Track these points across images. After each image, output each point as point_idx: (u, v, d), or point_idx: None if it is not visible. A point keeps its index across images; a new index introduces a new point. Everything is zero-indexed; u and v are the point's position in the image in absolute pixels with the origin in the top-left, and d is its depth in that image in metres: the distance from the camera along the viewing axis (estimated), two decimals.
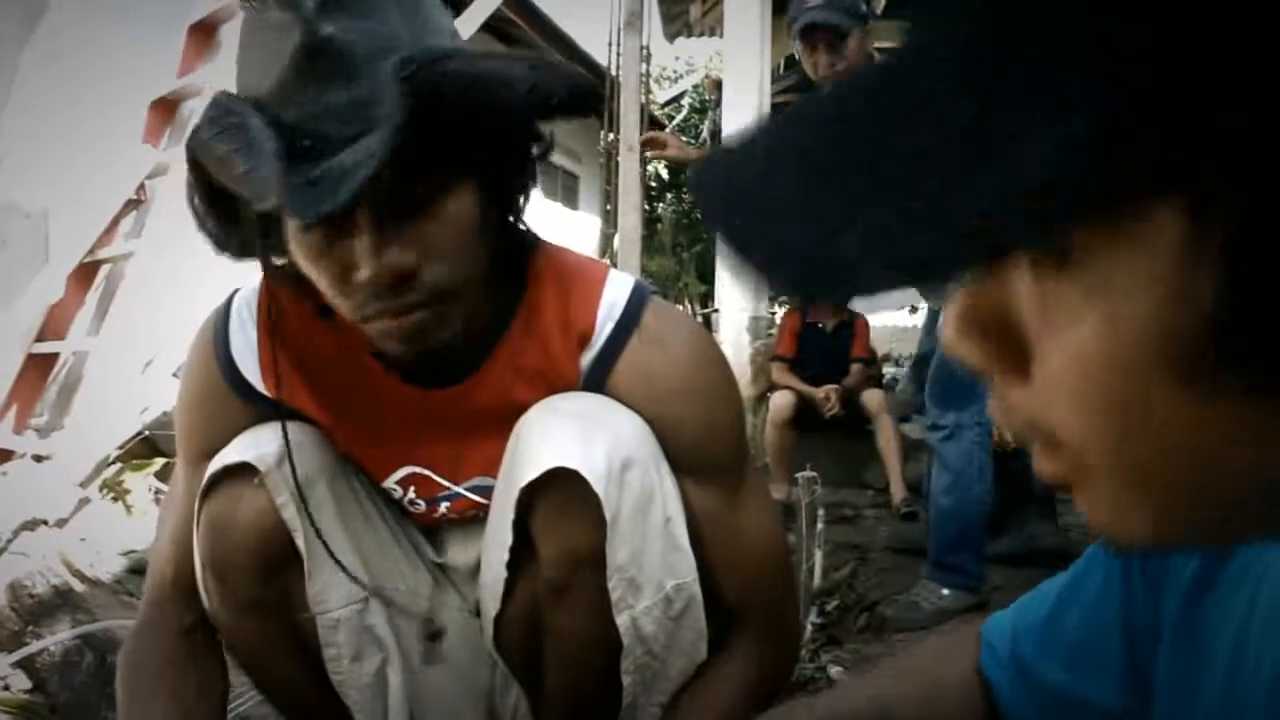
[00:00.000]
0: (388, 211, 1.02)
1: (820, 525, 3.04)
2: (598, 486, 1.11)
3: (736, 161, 0.36)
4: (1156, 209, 0.29)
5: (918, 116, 0.29)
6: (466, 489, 1.30)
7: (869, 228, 0.29)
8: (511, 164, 1.16)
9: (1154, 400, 0.32)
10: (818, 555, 3.01)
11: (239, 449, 1.21)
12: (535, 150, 1.17)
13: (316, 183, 0.92)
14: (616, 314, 1.22)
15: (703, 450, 1.23)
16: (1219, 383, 0.31)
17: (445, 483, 1.30)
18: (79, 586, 2.45)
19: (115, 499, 3.40)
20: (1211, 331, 0.30)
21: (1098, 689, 0.71)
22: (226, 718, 1.29)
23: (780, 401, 4.56)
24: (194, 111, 4.16)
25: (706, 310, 7.83)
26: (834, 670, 2.28)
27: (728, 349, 6.38)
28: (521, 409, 1.20)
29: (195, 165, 1.02)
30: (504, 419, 1.21)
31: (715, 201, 0.36)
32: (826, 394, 4.56)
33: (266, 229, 1.09)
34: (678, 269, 9.12)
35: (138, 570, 2.76)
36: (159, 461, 3.59)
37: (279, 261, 1.14)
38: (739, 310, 6.46)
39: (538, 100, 0.99)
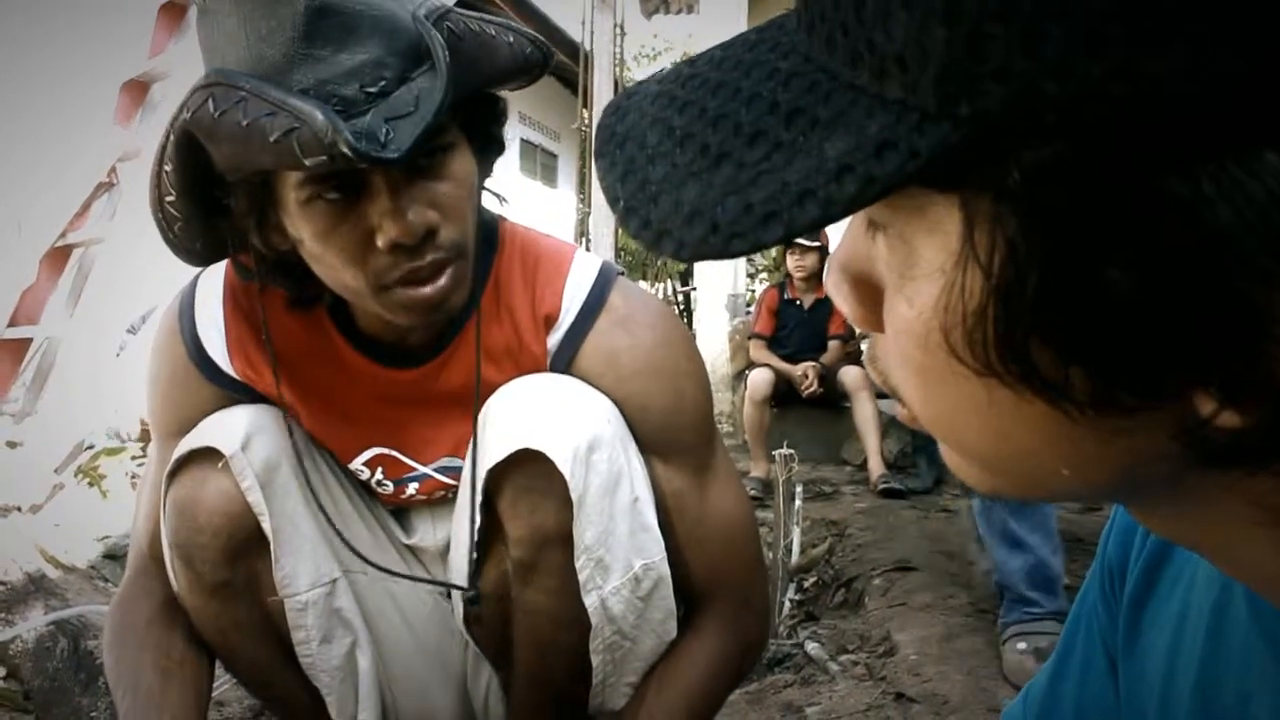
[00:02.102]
0: (402, 173, 1.02)
1: (798, 502, 3.05)
2: (564, 467, 1.11)
3: (625, 110, 0.41)
4: (943, 205, 0.33)
5: (756, 99, 0.35)
6: (434, 470, 1.30)
7: (710, 183, 0.35)
8: (494, 127, 1.18)
9: (945, 374, 0.36)
10: (795, 532, 3.03)
11: (204, 433, 1.20)
12: (502, 114, 1.19)
13: (368, 134, 0.92)
14: (583, 295, 1.22)
15: (670, 430, 1.23)
16: (995, 370, 0.34)
17: (413, 463, 1.30)
18: (53, 573, 2.44)
19: (91, 484, 3.38)
20: (982, 324, 0.33)
21: None
22: (214, 675, 1.29)
23: (758, 379, 4.57)
24: (165, 96, 4.12)
25: (685, 289, 7.81)
26: (811, 646, 2.29)
27: (706, 327, 6.40)
28: (489, 389, 1.20)
29: (191, 150, 1.01)
30: (472, 399, 1.21)
31: (604, 137, 0.40)
32: (805, 371, 4.57)
33: (261, 217, 1.08)
34: None
35: (113, 556, 2.75)
36: (134, 446, 3.57)
37: (280, 246, 1.11)
38: (717, 288, 6.47)
39: (520, 60, 1.06)
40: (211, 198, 1.07)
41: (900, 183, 0.32)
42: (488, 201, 1.25)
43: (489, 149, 1.18)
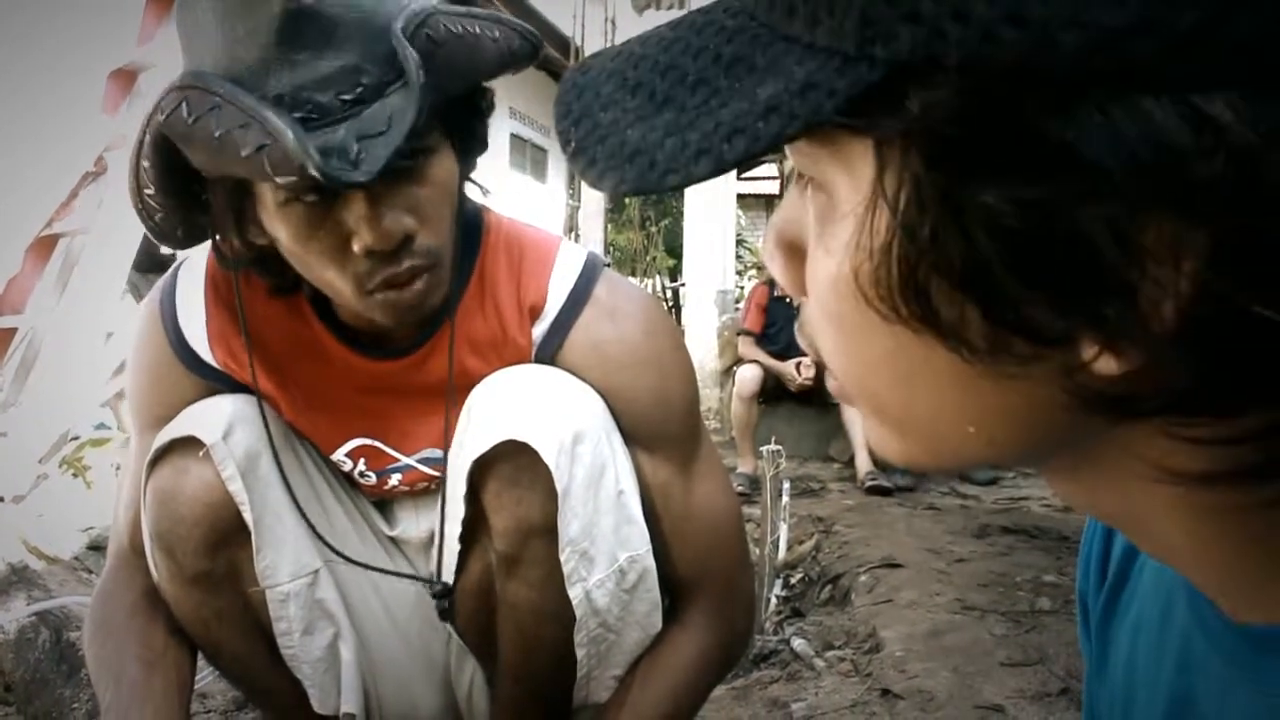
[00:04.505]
0: (380, 178, 1.01)
1: (785, 498, 3.05)
2: (549, 459, 1.10)
3: (589, 66, 0.43)
4: (859, 147, 0.35)
5: (703, 52, 0.38)
6: (417, 461, 1.29)
7: (653, 125, 0.37)
8: (476, 125, 1.17)
9: (858, 324, 0.38)
10: (783, 528, 3.02)
11: (184, 422, 1.20)
12: (487, 111, 1.18)
13: (340, 150, 0.92)
14: (569, 286, 1.21)
15: (655, 421, 1.23)
16: (900, 313, 0.36)
17: (395, 454, 1.29)
18: (36, 564, 2.43)
19: (75, 475, 3.36)
20: (886, 262, 0.35)
21: None
22: (196, 667, 1.28)
23: (746, 375, 4.58)
24: (153, 85, 4.09)
25: (674, 284, 7.82)
26: (797, 643, 2.29)
27: (694, 323, 6.40)
28: (473, 380, 1.19)
29: (163, 151, 1.00)
30: (455, 391, 1.20)
31: (565, 87, 0.43)
32: (798, 364, 4.57)
33: (239, 213, 1.07)
34: (646, 243, 9.12)
35: (97, 547, 2.74)
36: (120, 436, 3.56)
37: (258, 241, 1.10)
38: (706, 284, 6.47)
39: (507, 56, 1.05)
40: (190, 192, 1.06)
41: (819, 120, 0.34)
42: (472, 193, 1.24)
43: (472, 148, 1.17)
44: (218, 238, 1.12)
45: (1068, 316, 0.33)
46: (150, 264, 4.12)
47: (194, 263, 1.26)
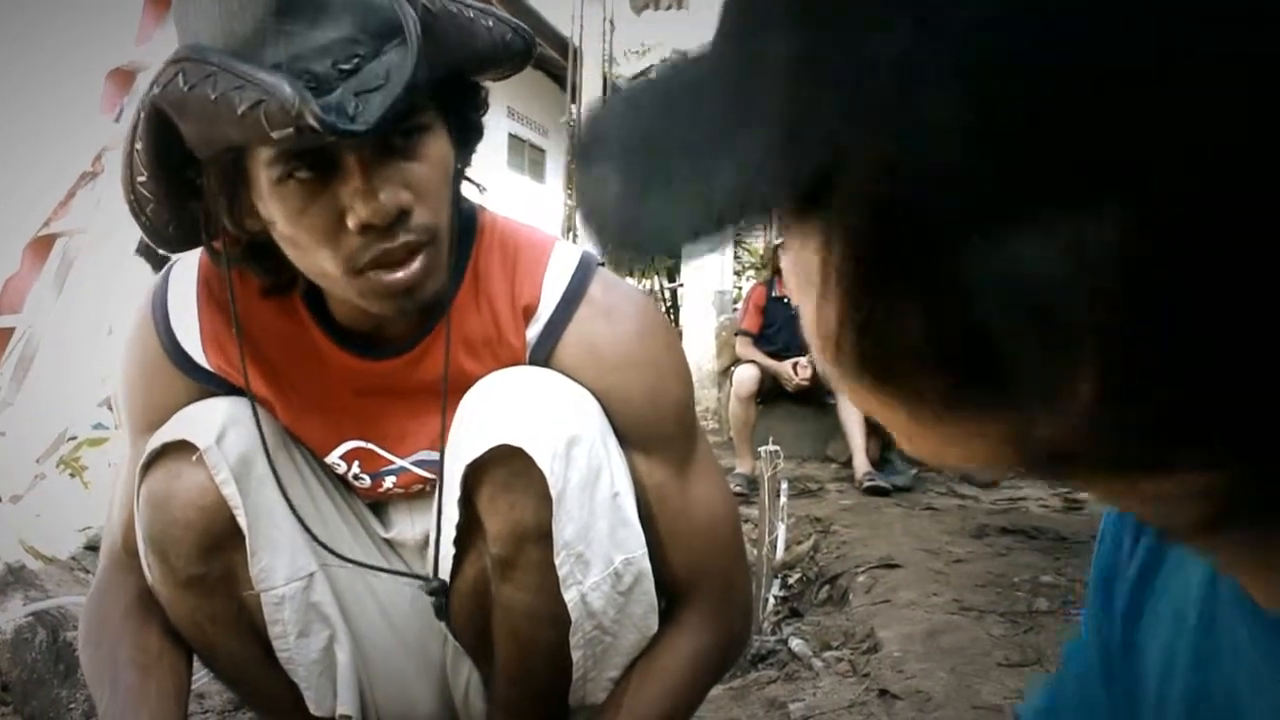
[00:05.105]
0: (375, 153, 1.01)
1: (783, 499, 3.05)
2: (544, 463, 1.10)
3: (604, 113, 0.45)
4: (810, 227, 0.36)
5: (691, 115, 0.39)
6: (411, 463, 1.29)
7: (649, 191, 0.39)
8: (472, 112, 1.17)
9: (838, 374, 0.39)
10: (780, 529, 3.02)
11: (178, 425, 1.19)
12: (482, 101, 1.18)
13: (337, 107, 0.91)
14: (563, 285, 1.21)
15: (651, 423, 1.23)
16: (858, 368, 0.37)
17: (390, 457, 1.28)
18: (33, 564, 2.43)
19: (72, 475, 3.36)
20: (842, 330, 0.36)
21: None
22: (192, 670, 1.28)
23: (744, 375, 4.58)
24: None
25: (672, 285, 7.81)
26: (795, 643, 2.29)
27: (692, 323, 6.40)
28: (468, 381, 1.19)
29: (157, 129, 1.00)
30: (450, 391, 1.20)
31: (583, 147, 0.45)
32: (795, 365, 4.57)
33: (232, 198, 1.06)
34: None
35: (94, 547, 2.73)
36: (118, 436, 3.56)
37: (252, 227, 1.10)
38: (704, 285, 6.47)
39: (500, 45, 1.06)
40: (183, 178, 1.06)
41: (768, 206, 0.36)
42: (468, 192, 1.24)
43: (467, 135, 1.17)
44: (210, 230, 1.12)
45: (990, 399, 0.34)
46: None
47: (186, 265, 1.25)
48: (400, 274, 1.06)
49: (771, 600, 2.74)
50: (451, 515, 1.19)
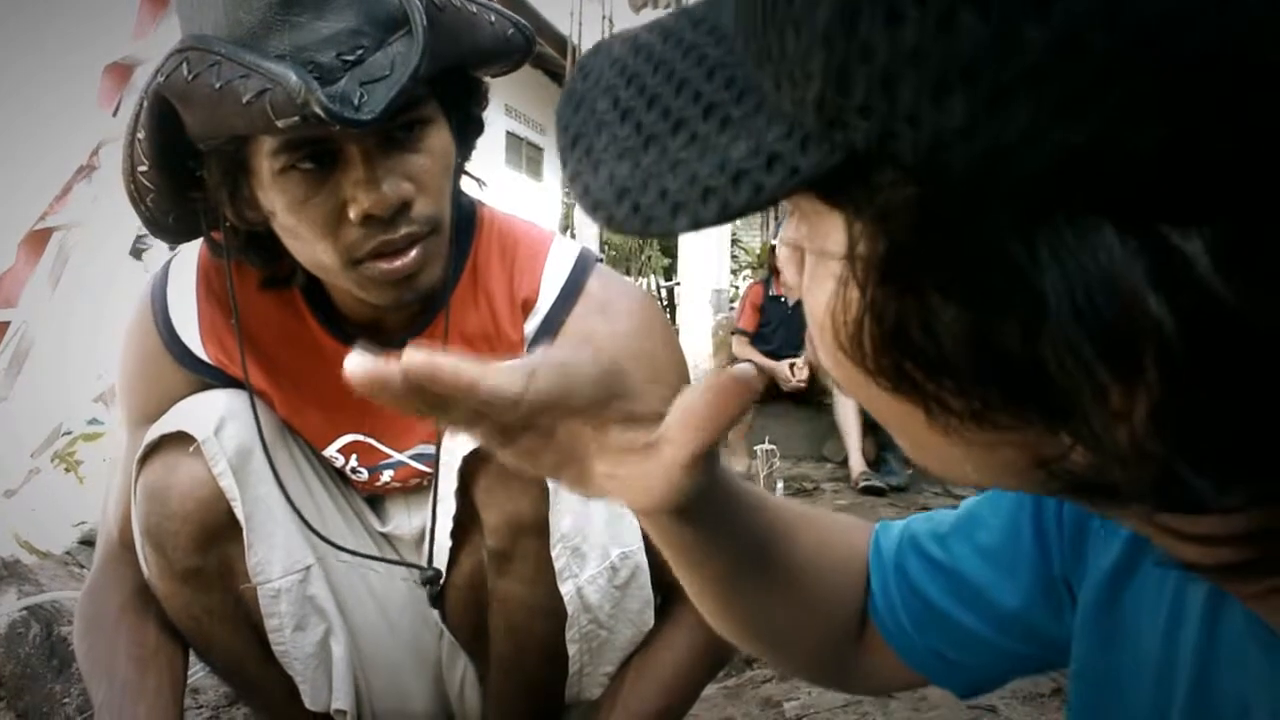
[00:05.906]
0: (377, 145, 1.02)
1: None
2: None
3: (588, 68, 0.43)
4: (831, 219, 0.34)
5: (685, 85, 0.37)
6: (409, 457, 1.29)
7: (637, 163, 0.37)
8: (473, 106, 1.17)
9: (842, 365, 0.38)
10: None
11: (175, 417, 1.19)
12: (483, 96, 1.18)
13: (343, 97, 0.92)
14: (561, 280, 1.21)
15: None
16: (875, 370, 0.36)
17: (388, 450, 1.28)
18: (28, 558, 2.43)
19: (67, 470, 3.36)
20: (859, 335, 0.35)
21: (1003, 590, 0.68)
22: (189, 663, 1.28)
23: None
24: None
25: (669, 283, 7.82)
26: None
27: (689, 322, 6.40)
28: None
29: (160, 118, 1.00)
30: None
31: (565, 98, 0.43)
32: (791, 365, 4.57)
33: (234, 188, 1.06)
34: (640, 242, 9.12)
35: (89, 542, 2.73)
36: (113, 431, 3.55)
37: (252, 218, 1.10)
38: (701, 283, 6.47)
39: (501, 40, 1.07)
40: (184, 168, 1.06)
41: (785, 194, 0.34)
42: (467, 186, 1.24)
43: (468, 129, 1.17)
44: (210, 221, 1.12)
45: (1027, 419, 0.33)
46: None
47: (185, 257, 1.25)
48: (399, 262, 1.06)
49: None
50: (448, 505, 1.19)
